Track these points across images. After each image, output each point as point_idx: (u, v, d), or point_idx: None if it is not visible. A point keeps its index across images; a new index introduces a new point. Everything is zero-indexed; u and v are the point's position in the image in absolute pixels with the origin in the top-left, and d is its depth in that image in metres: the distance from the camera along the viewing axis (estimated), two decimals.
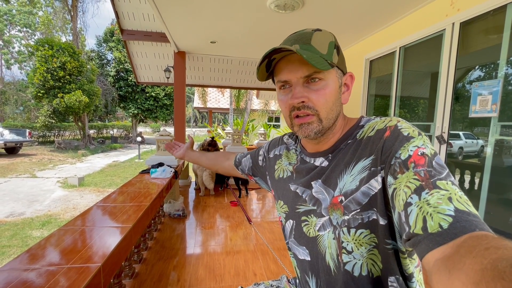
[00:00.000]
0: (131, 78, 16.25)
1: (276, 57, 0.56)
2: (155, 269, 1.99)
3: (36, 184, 6.98)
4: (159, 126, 26.72)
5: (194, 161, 1.11)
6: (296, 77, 0.56)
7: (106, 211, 1.55)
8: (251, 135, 12.62)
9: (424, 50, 2.73)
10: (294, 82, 0.57)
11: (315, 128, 0.57)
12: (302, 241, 0.64)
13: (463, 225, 0.35)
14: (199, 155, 1.11)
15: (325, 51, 0.55)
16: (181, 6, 2.75)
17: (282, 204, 0.71)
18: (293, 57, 0.56)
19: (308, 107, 0.56)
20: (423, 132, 0.51)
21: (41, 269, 0.89)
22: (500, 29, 1.95)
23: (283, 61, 0.57)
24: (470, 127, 2.34)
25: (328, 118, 0.58)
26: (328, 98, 0.56)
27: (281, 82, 0.59)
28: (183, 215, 3.12)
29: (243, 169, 0.93)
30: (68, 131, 16.34)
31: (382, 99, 3.52)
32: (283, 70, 0.57)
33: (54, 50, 11.77)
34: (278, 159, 0.77)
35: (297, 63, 0.55)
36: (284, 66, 0.57)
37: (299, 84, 0.56)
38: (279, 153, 0.78)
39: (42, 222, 4.55)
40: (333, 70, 0.57)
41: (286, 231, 0.70)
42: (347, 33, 3.41)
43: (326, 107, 0.57)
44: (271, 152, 0.82)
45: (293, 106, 0.57)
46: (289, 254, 0.71)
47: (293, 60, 0.56)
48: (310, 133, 0.58)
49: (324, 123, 0.57)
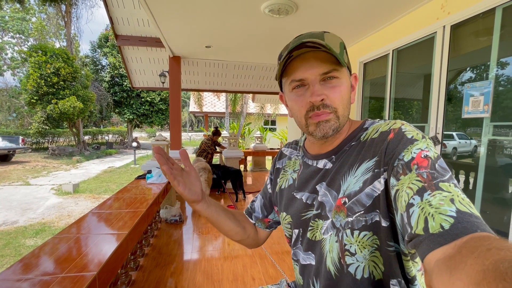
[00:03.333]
0: (126, 83, 16.18)
1: (294, 54, 0.55)
2: (152, 276, 1.96)
3: (30, 191, 6.86)
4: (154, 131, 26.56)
5: (212, 218, 0.71)
6: (314, 75, 0.55)
7: (102, 218, 1.53)
8: (248, 138, 12.63)
9: (416, 52, 2.77)
10: (312, 80, 0.56)
11: (333, 125, 0.57)
12: (308, 247, 0.64)
13: (465, 226, 0.35)
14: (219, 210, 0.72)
15: (338, 50, 0.55)
16: (176, 11, 2.76)
17: (285, 216, 0.70)
18: (308, 55, 0.55)
19: (326, 106, 0.56)
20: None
21: (35, 279, 0.87)
22: (489, 31, 1.99)
23: (298, 60, 0.57)
24: (463, 127, 2.37)
25: (344, 116, 0.58)
26: (344, 95, 0.57)
27: (296, 82, 0.58)
28: (180, 220, 3.09)
29: (257, 216, 0.82)
30: (63, 138, 16.14)
31: (377, 101, 3.56)
32: (299, 69, 0.56)
33: (47, 56, 11.68)
34: (281, 172, 0.77)
35: (313, 60, 0.55)
36: (299, 65, 0.56)
37: (317, 82, 0.56)
38: (281, 165, 0.78)
39: (35, 230, 4.46)
40: (345, 69, 0.58)
41: (292, 241, 0.69)
42: (340, 36, 3.44)
43: (343, 104, 0.57)
44: (274, 170, 0.80)
45: (311, 106, 0.57)
46: (293, 261, 0.70)
47: (308, 58, 0.55)
48: (329, 131, 0.57)
49: (341, 120, 0.58)
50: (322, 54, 0.55)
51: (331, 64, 0.55)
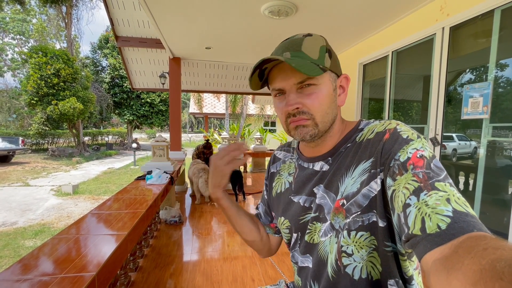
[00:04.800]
0: (126, 85, 16.20)
1: (268, 66, 0.57)
2: (152, 277, 1.96)
3: (29, 192, 6.85)
4: (154, 132, 26.59)
5: (229, 213, 0.75)
6: (289, 85, 0.56)
7: (101, 218, 1.53)
8: (247, 139, 12.64)
9: (415, 54, 2.78)
10: (288, 89, 0.57)
11: (310, 131, 0.58)
12: (306, 250, 0.64)
13: (461, 225, 0.35)
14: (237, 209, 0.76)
15: (316, 56, 0.55)
16: (176, 12, 2.77)
17: (283, 220, 0.69)
18: (284, 65, 0.56)
19: (303, 113, 0.56)
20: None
21: (34, 280, 0.87)
22: (488, 33, 2.00)
23: (276, 70, 0.58)
24: (462, 129, 2.38)
25: (324, 122, 0.58)
26: (322, 101, 0.56)
27: (275, 90, 0.59)
28: (180, 221, 3.09)
29: (264, 221, 0.82)
30: (62, 139, 16.14)
31: (376, 103, 3.57)
32: (276, 78, 0.58)
33: (48, 57, 11.69)
34: (276, 176, 0.76)
35: (289, 70, 0.55)
36: (276, 75, 0.58)
37: (292, 91, 0.57)
38: (276, 169, 0.77)
39: (35, 231, 4.45)
40: (326, 74, 0.57)
41: (290, 244, 0.70)
42: (340, 38, 3.46)
43: (321, 111, 0.57)
44: (269, 175, 0.80)
45: (288, 113, 0.58)
46: (292, 263, 0.71)
47: (285, 68, 0.56)
48: (306, 136, 0.58)
49: (320, 126, 0.58)
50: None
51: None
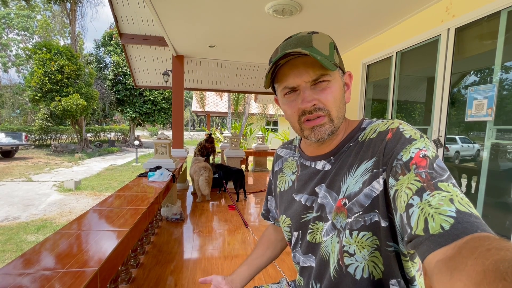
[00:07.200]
0: (129, 82, 16.23)
1: (281, 62, 0.55)
2: (152, 273, 1.97)
3: (32, 188, 6.90)
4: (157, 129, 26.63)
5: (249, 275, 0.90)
6: (304, 81, 0.55)
7: (103, 215, 1.54)
8: (249, 138, 12.62)
9: (420, 55, 2.76)
10: (302, 86, 0.55)
11: (328, 130, 0.57)
12: (308, 250, 0.64)
13: (465, 226, 0.35)
14: (246, 267, 0.91)
15: (327, 52, 0.55)
16: (180, 10, 2.76)
17: (284, 218, 0.69)
18: (297, 61, 0.55)
19: (319, 109, 0.55)
20: None
21: (36, 274, 0.87)
22: (494, 34, 1.98)
23: (287, 66, 0.56)
24: (466, 131, 2.36)
25: (339, 117, 0.57)
26: (336, 97, 0.56)
27: (287, 88, 0.57)
28: (181, 219, 3.10)
29: (274, 216, 0.84)
30: (65, 135, 16.21)
31: (380, 103, 3.55)
32: (289, 75, 0.56)
33: (52, 53, 11.74)
34: (279, 174, 0.77)
35: (302, 66, 0.54)
36: (288, 71, 0.56)
37: (307, 88, 0.55)
38: (279, 167, 0.78)
39: (37, 226, 4.48)
40: (336, 70, 0.57)
41: (291, 243, 0.69)
42: (344, 37, 3.44)
43: (336, 106, 0.56)
44: (273, 173, 0.81)
45: (303, 111, 0.56)
46: (294, 262, 0.71)
47: (298, 64, 0.55)
48: (324, 135, 0.57)
49: (335, 122, 0.57)
50: (311, 59, 0.53)
51: (320, 68, 0.53)
